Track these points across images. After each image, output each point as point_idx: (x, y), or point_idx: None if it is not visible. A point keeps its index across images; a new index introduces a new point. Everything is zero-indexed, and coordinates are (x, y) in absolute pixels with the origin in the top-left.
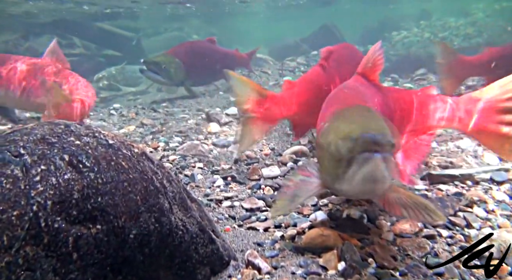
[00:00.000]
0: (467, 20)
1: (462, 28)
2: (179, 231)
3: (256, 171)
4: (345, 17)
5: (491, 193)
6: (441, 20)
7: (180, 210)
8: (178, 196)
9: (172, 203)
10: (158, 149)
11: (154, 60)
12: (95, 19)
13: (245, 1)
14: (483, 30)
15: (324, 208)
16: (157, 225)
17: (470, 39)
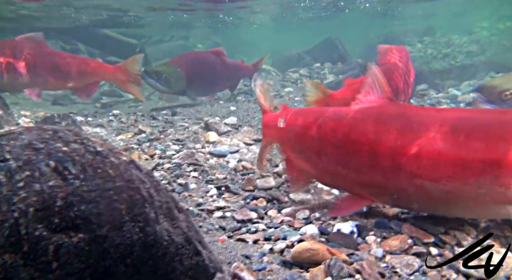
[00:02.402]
0: (471, 37)
1: (466, 45)
2: (164, 241)
3: (251, 182)
4: (350, 30)
5: None
6: (445, 37)
7: (166, 220)
8: (165, 206)
9: (159, 213)
10: (154, 156)
11: (155, 69)
12: (101, 25)
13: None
14: (486, 49)
15: (316, 222)
16: (141, 235)
17: (473, 57)
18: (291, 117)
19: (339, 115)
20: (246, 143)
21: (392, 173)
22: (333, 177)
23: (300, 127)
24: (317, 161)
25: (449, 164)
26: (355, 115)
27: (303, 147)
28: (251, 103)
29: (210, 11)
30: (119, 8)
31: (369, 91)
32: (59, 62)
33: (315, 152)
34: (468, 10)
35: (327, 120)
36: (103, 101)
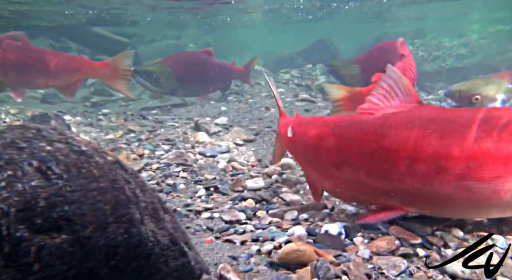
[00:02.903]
0: (461, 40)
1: (456, 48)
2: (149, 243)
3: (240, 183)
4: (342, 32)
5: None
6: (435, 40)
7: (152, 221)
8: (150, 207)
9: (144, 213)
10: (143, 156)
11: (146, 68)
12: (92, 23)
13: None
14: (476, 52)
15: (304, 223)
16: (125, 236)
17: (462, 60)
18: (300, 127)
19: (361, 123)
20: (236, 143)
21: (434, 178)
22: (356, 188)
23: (313, 137)
24: (334, 173)
25: (496, 163)
26: (384, 122)
27: (316, 158)
28: (242, 103)
29: (202, 10)
30: (114, 6)
31: (388, 95)
32: (43, 60)
33: (333, 163)
34: (459, 13)
35: (348, 129)
36: (93, 100)
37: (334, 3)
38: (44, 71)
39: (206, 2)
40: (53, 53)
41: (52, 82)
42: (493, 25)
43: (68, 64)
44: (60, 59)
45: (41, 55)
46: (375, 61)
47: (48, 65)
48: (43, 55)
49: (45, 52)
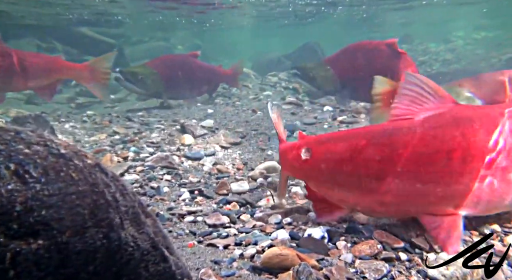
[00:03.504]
0: (447, 46)
1: (442, 53)
2: (128, 247)
3: (225, 186)
4: (330, 36)
5: None
6: (422, 45)
7: (132, 226)
8: (131, 211)
9: (124, 218)
10: (127, 159)
11: (132, 70)
12: (78, 24)
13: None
14: (461, 57)
15: (287, 227)
16: (104, 241)
17: (449, 65)
18: (321, 145)
19: (404, 129)
20: (222, 146)
21: (486, 175)
22: (404, 200)
23: (344, 152)
24: (375, 186)
25: None
26: (428, 124)
27: (350, 174)
28: (229, 106)
29: (191, 13)
30: (100, 8)
31: (417, 99)
32: (20, 62)
33: (375, 176)
34: (445, 19)
35: (391, 136)
36: (78, 101)
37: (324, 8)
38: (20, 73)
39: (198, 10)
40: (30, 54)
41: (29, 84)
42: (477, 31)
43: (45, 66)
44: (37, 61)
45: (17, 56)
46: (353, 61)
47: (25, 67)
48: (20, 56)
49: (21, 53)
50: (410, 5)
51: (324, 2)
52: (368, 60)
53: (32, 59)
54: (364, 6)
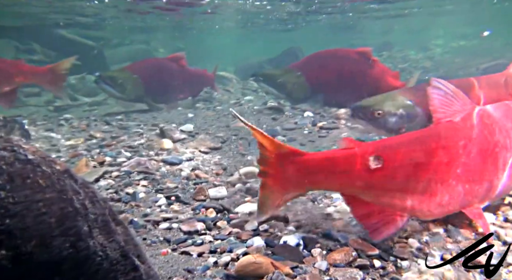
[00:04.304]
0: (426, 54)
1: (421, 61)
2: (97, 257)
3: (203, 191)
4: (312, 42)
5: (427, 225)
6: (402, 52)
7: (101, 234)
8: (100, 219)
9: (93, 226)
10: (104, 164)
11: (111, 74)
12: (57, 26)
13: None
14: (440, 65)
15: (263, 234)
16: (71, 250)
17: (427, 73)
18: (395, 152)
19: (464, 128)
20: (201, 151)
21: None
22: (464, 197)
23: (419, 157)
24: (439, 188)
25: None
26: (481, 126)
27: (418, 181)
28: (210, 111)
29: (176, 17)
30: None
31: (448, 102)
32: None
33: (440, 179)
34: (425, 28)
35: (451, 139)
36: (56, 104)
37: (308, 15)
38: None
39: (179, 14)
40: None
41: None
42: (456, 40)
43: (6, 70)
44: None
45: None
46: (324, 68)
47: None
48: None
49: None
50: (390, 13)
51: (307, 10)
52: (340, 67)
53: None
54: (351, 14)
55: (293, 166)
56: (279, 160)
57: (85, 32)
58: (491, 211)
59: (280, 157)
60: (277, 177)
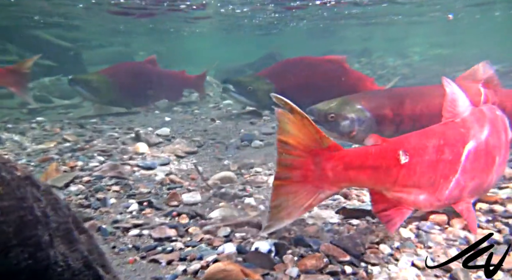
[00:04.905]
0: (404, 61)
1: (399, 68)
2: (57, 268)
3: (176, 197)
4: (293, 47)
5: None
6: (381, 59)
7: (63, 243)
8: (63, 227)
9: (54, 235)
10: (75, 168)
11: (84, 78)
12: (33, 26)
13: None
14: (417, 73)
15: (235, 240)
16: (30, 261)
17: (405, 80)
18: (417, 147)
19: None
20: (177, 155)
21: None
22: (477, 187)
23: (432, 153)
24: (469, 180)
25: None
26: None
27: (431, 175)
28: (188, 114)
29: (151, 17)
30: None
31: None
32: None
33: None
34: (403, 35)
35: (457, 136)
36: (30, 107)
37: (289, 21)
38: None
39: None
40: None
41: None
42: (433, 48)
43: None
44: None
45: None
46: (295, 75)
47: None
48: None
49: None
50: (370, 21)
51: (288, 15)
52: (310, 75)
53: None
54: (329, 21)
55: (333, 161)
56: (314, 156)
57: (63, 33)
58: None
59: (317, 152)
60: (309, 176)
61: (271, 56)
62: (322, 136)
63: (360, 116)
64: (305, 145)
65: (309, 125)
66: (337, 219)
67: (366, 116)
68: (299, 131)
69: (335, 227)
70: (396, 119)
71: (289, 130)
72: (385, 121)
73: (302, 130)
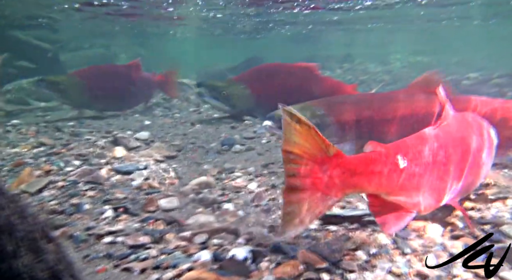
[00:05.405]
0: (385, 68)
1: (380, 74)
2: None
3: (153, 202)
4: (275, 51)
5: (375, 236)
6: (362, 65)
7: (29, 253)
8: (29, 236)
9: (19, 244)
10: (50, 173)
11: (54, 79)
12: (11, 27)
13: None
14: (398, 79)
15: (212, 247)
16: None
17: (386, 86)
18: (413, 152)
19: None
20: (156, 159)
21: None
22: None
23: (428, 157)
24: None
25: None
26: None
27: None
28: (168, 118)
29: (131, 18)
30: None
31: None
32: None
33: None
34: (385, 42)
35: (453, 140)
36: (7, 109)
37: (273, 26)
38: None
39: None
40: None
41: None
42: (413, 56)
43: None
44: None
45: None
46: (268, 81)
47: None
48: None
49: None
50: (350, 28)
51: (272, 20)
52: (283, 81)
53: None
54: (311, 26)
55: (339, 169)
56: (321, 164)
57: (42, 34)
58: (439, 223)
59: (323, 161)
60: (317, 183)
61: (253, 60)
62: (327, 144)
63: (322, 121)
64: (312, 154)
65: (315, 134)
66: (315, 225)
67: (327, 121)
68: (305, 141)
69: (313, 233)
70: (358, 124)
71: (295, 140)
72: (347, 126)
73: (309, 140)
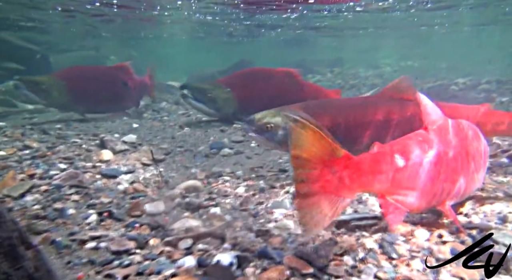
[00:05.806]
0: (375, 72)
1: (371, 78)
2: None
3: (138, 207)
4: (265, 55)
5: (362, 241)
6: (352, 69)
7: (7, 261)
8: (6, 243)
9: None
10: (34, 177)
11: (34, 79)
12: None
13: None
14: (388, 83)
15: (197, 253)
16: None
17: (378, 90)
18: (413, 152)
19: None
20: (143, 163)
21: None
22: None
23: (429, 157)
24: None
25: None
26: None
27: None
28: (156, 121)
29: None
30: None
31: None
32: None
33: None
34: (374, 47)
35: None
36: None
37: (262, 29)
38: None
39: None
40: None
41: None
42: (404, 60)
43: None
44: None
45: None
46: (251, 86)
47: None
48: None
49: None
50: (341, 32)
51: (262, 24)
52: (266, 85)
53: None
54: (301, 30)
55: (348, 170)
56: (330, 166)
57: (30, 35)
58: (426, 228)
59: (332, 163)
60: (327, 186)
61: (243, 63)
62: (335, 147)
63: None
64: (320, 157)
65: (321, 138)
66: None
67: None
68: (312, 145)
69: (300, 238)
70: (334, 128)
71: (302, 145)
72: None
73: (316, 144)
